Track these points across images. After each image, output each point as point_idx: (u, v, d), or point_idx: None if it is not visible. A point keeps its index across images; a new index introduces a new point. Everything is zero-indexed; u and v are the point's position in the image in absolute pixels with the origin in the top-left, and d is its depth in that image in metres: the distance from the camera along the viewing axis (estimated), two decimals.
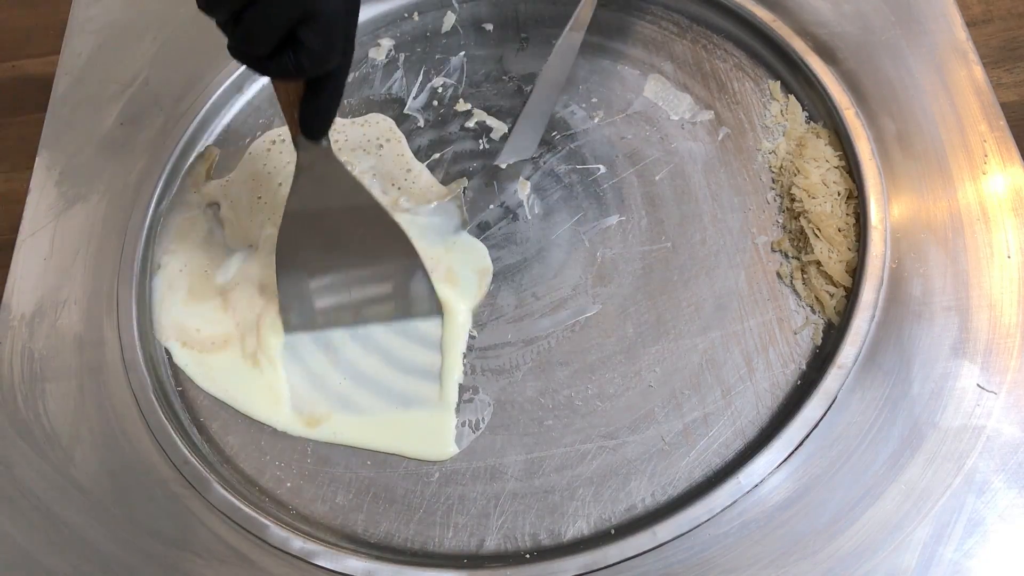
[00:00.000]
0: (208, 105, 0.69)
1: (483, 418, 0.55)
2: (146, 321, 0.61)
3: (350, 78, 0.71)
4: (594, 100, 0.66)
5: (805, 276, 0.56)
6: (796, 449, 0.50)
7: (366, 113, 0.68)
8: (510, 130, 0.60)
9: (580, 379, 0.55)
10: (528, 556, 0.50)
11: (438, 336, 0.58)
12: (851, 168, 0.58)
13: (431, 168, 0.65)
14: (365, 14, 0.73)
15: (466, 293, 0.59)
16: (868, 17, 0.63)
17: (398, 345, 0.58)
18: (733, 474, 0.49)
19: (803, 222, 0.56)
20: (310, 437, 0.56)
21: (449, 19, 0.71)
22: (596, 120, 0.65)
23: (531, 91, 0.58)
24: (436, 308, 0.58)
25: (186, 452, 0.55)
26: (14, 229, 0.67)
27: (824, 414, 0.50)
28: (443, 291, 0.58)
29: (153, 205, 0.65)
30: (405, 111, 0.68)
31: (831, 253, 0.55)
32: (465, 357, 0.57)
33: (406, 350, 0.58)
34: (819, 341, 0.54)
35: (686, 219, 0.60)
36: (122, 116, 0.71)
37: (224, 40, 0.44)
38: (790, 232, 0.57)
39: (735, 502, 0.49)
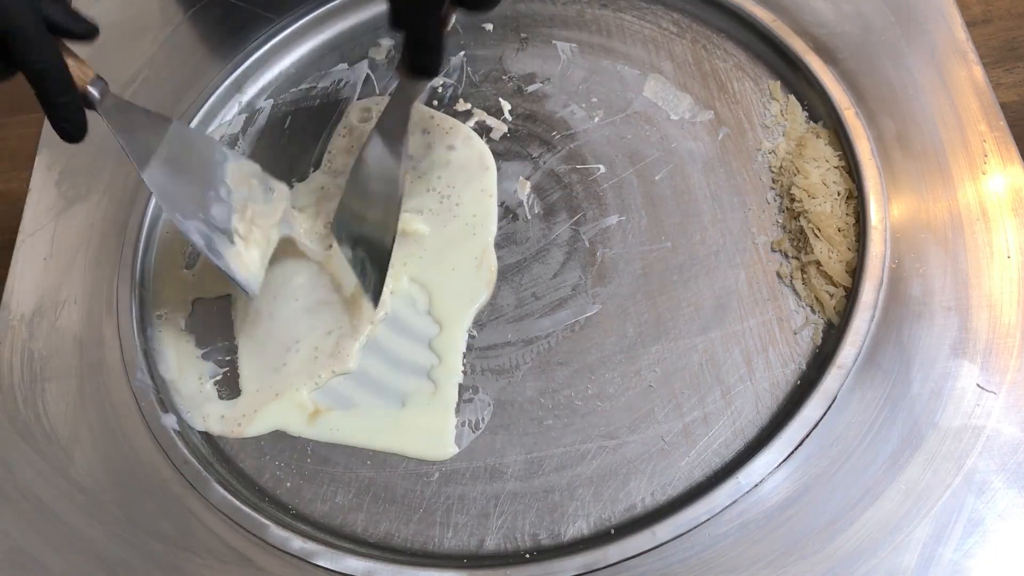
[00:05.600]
0: (208, 105, 0.69)
1: (483, 418, 0.55)
2: (146, 322, 0.62)
3: (349, 79, 0.71)
4: (594, 100, 0.66)
5: (805, 276, 0.56)
6: (796, 449, 0.50)
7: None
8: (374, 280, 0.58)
9: (580, 379, 0.55)
10: (528, 556, 0.50)
11: (438, 336, 0.58)
12: (851, 168, 0.58)
13: None
14: (365, 14, 0.73)
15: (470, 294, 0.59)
16: (868, 17, 0.63)
17: (398, 345, 0.58)
18: (733, 474, 0.49)
19: (803, 222, 0.56)
20: (310, 436, 0.56)
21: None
22: (596, 120, 0.65)
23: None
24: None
25: (186, 452, 0.55)
26: (14, 229, 0.67)
27: (824, 414, 0.50)
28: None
29: (153, 205, 0.65)
30: None
31: (831, 253, 0.55)
32: (465, 357, 0.57)
33: (406, 350, 0.58)
34: (819, 341, 0.54)
35: (686, 219, 0.60)
36: None
37: (223, 40, 0.44)
38: (790, 232, 0.57)
39: (735, 502, 0.49)
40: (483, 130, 0.66)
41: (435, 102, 0.68)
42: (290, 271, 0.62)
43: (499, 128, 0.66)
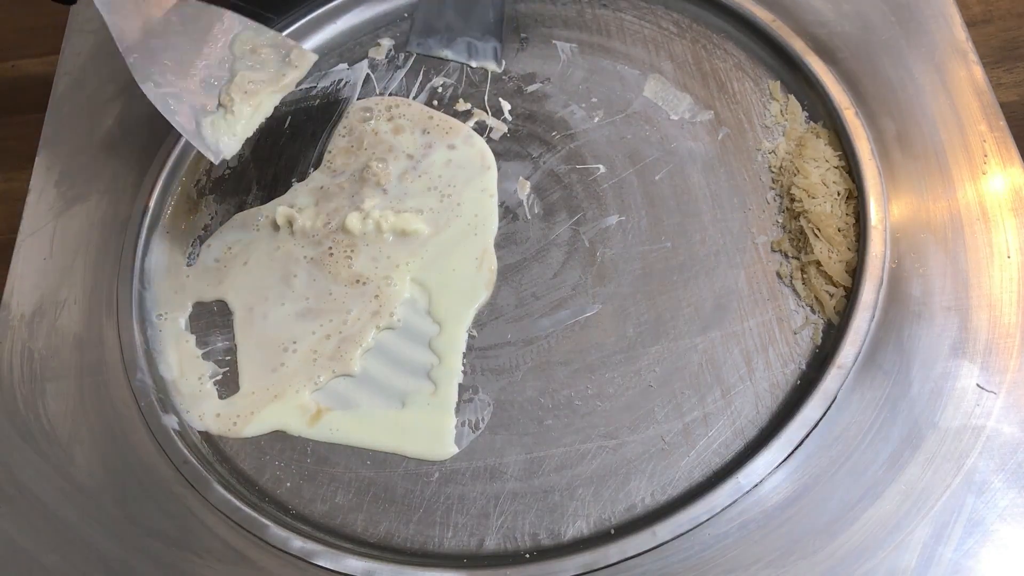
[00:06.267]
0: None
1: (483, 418, 0.55)
2: (146, 321, 0.62)
3: (349, 79, 0.71)
4: (594, 100, 0.66)
5: (805, 276, 0.56)
6: (796, 449, 0.50)
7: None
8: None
9: (580, 379, 0.55)
10: (528, 556, 0.50)
11: (438, 336, 0.58)
12: (851, 168, 0.58)
13: None
14: (365, 14, 0.73)
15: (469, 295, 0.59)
16: (868, 17, 0.63)
17: (399, 345, 0.58)
18: (733, 474, 0.49)
19: (803, 222, 0.56)
20: (310, 436, 0.56)
21: None
22: (596, 120, 0.65)
23: None
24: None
25: (186, 452, 0.55)
26: (14, 229, 0.67)
27: (824, 414, 0.50)
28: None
29: (153, 205, 0.65)
30: None
31: (831, 253, 0.55)
32: (465, 357, 0.57)
33: (406, 350, 0.58)
34: (819, 341, 0.54)
35: (686, 219, 0.60)
36: (122, 116, 0.71)
37: None
38: (790, 232, 0.57)
39: (735, 502, 0.49)
40: (483, 130, 0.66)
41: (435, 102, 0.68)
42: (286, 271, 0.62)
43: (499, 128, 0.66)
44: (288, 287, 0.61)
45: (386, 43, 0.72)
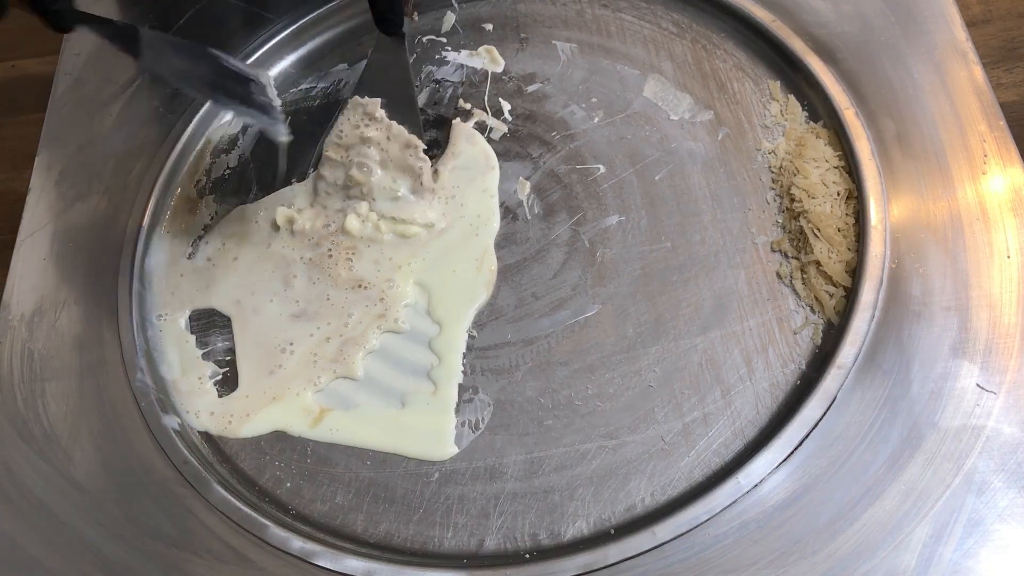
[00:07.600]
0: (208, 105, 0.69)
1: (483, 418, 0.55)
2: (146, 321, 0.62)
3: (349, 79, 0.71)
4: (594, 100, 0.66)
5: (805, 276, 0.56)
6: (795, 449, 0.50)
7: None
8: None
9: (580, 379, 0.55)
10: (528, 556, 0.50)
11: (438, 336, 0.58)
12: (851, 168, 0.58)
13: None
14: (365, 14, 0.72)
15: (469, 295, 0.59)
16: (868, 17, 0.63)
17: (399, 346, 0.58)
18: (733, 474, 0.49)
19: (803, 222, 0.56)
20: (310, 436, 0.56)
21: (449, 19, 0.71)
22: (596, 120, 0.65)
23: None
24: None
25: (186, 452, 0.55)
26: (14, 229, 0.67)
27: (824, 414, 0.50)
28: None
29: (152, 205, 0.65)
30: None
31: (831, 253, 0.55)
32: (465, 357, 0.57)
33: (406, 350, 0.58)
34: (819, 341, 0.54)
35: (686, 219, 0.60)
36: (121, 116, 0.71)
37: (223, 40, 0.45)
38: (790, 232, 0.57)
39: (735, 502, 0.49)
40: (483, 130, 0.66)
41: (435, 102, 0.68)
42: (285, 272, 0.62)
43: (499, 128, 0.66)
44: (284, 288, 0.61)
45: None
